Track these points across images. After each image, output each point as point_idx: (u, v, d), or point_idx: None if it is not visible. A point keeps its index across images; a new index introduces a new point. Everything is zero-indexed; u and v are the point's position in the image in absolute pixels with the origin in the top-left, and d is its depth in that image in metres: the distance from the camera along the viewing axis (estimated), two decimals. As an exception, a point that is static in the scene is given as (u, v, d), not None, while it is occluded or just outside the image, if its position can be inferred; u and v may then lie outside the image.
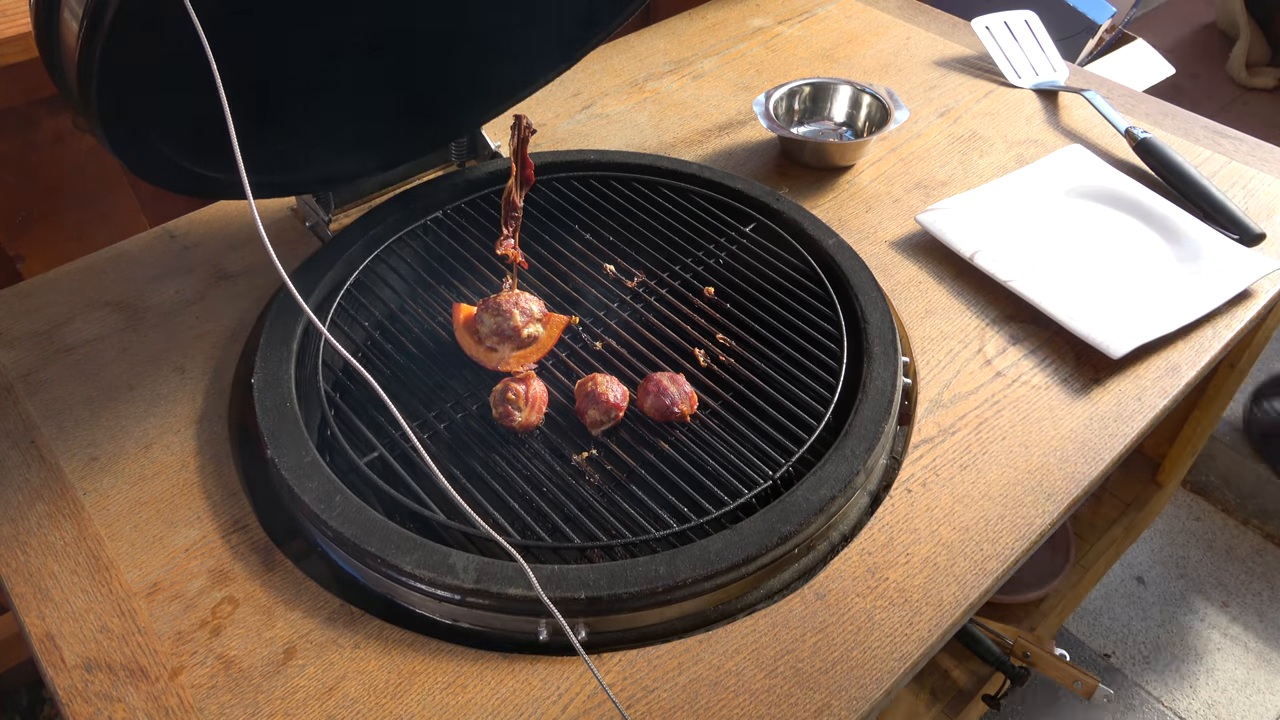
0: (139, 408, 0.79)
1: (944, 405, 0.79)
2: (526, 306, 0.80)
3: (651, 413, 0.74)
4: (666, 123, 1.14)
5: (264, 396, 0.74)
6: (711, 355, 0.82)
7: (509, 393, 0.74)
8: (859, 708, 0.59)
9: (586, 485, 0.72)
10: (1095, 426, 0.77)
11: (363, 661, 0.62)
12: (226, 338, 0.85)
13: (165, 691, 0.60)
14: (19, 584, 0.67)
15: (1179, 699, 1.44)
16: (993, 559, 0.68)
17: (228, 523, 0.70)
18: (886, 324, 0.80)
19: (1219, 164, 1.06)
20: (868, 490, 0.73)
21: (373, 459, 0.71)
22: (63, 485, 0.73)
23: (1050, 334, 0.85)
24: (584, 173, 0.99)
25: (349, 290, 0.85)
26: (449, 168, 1.04)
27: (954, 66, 1.23)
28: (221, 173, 0.78)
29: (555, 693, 0.60)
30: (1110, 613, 1.55)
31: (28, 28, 0.80)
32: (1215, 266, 0.90)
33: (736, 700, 0.60)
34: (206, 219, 0.99)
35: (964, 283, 0.91)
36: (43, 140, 0.98)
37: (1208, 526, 1.68)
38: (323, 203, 0.94)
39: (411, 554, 0.63)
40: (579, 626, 0.62)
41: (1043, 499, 0.72)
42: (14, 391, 0.81)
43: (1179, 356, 0.83)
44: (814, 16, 1.36)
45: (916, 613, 0.64)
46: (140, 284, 0.91)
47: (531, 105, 1.15)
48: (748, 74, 1.23)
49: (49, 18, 0.60)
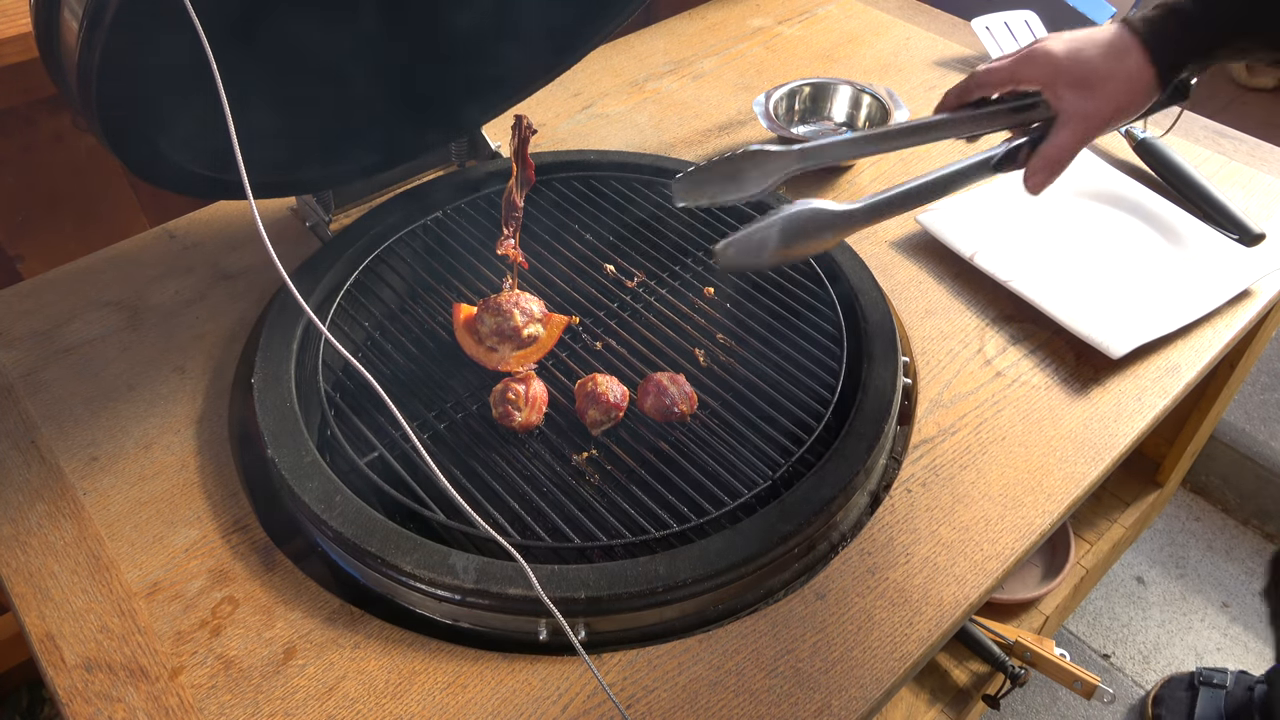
0: (139, 408, 0.79)
1: (944, 405, 0.79)
2: (526, 306, 0.80)
3: (651, 413, 0.74)
4: (666, 123, 1.14)
5: (264, 396, 0.74)
6: (711, 355, 0.82)
7: (509, 393, 0.74)
8: (859, 708, 0.59)
9: (586, 485, 0.72)
10: (1095, 426, 0.77)
11: (363, 661, 0.62)
12: (226, 338, 0.85)
13: (165, 691, 0.60)
14: (19, 584, 0.67)
15: (1179, 699, 1.43)
16: (993, 559, 0.68)
17: (228, 523, 0.70)
18: (886, 324, 0.80)
19: (1219, 164, 1.06)
20: (868, 490, 0.73)
21: (373, 459, 0.71)
22: (63, 485, 0.73)
23: (1050, 334, 0.85)
24: (584, 173, 0.99)
25: (349, 290, 0.85)
26: (449, 168, 1.04)
27: (954, 66, 1.23)
28: (221, 173, 0.77)
29: (555, 693, 0.60)
30: (1110, 613, 1.55)
31: (28, 28, 0.80)
32: (1215, 267, 0.90)
33: (736, 700, 0.60)
34: (206, 219, 0.99)
35: (964, 283, 0.91)
36: (43, 140, 0.98)
37: (1208, 526, 1.68)
38: (323, 203, 0.94)
39: (411, 554, 0.63)
40: (579, 626, 0.62)
41: (1043, 499, 0.72)
42: (14, 391, 0.81)
43: (1179, 356, 0.83)
44: (814, 16, 1.36)
45: (916, 612, 0.64)
46: (140, 284, 0.91)
47: (531, 105, 1.14)
48: (748, 74, 1.23)
49: (49, 18, 0.60)
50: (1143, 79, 0.67)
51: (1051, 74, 0.69)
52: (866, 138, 0.71)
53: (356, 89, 0.86)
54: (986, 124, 0.72)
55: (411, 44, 0.87)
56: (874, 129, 0.72)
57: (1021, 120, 0.72)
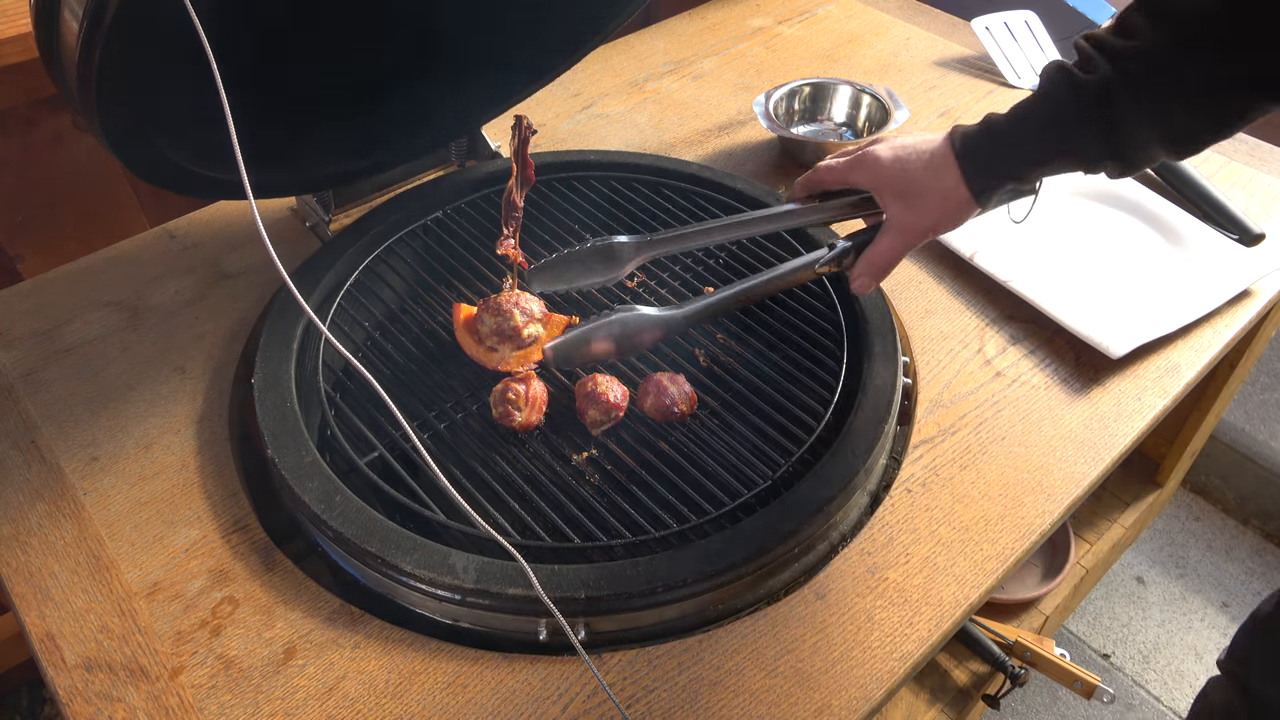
0: (139, 408, 0.79)
1: (944, 405, 0.79)
2: (526, 306, 0.80)
3: (651, 413, 0.74)
4: (666, 123, 1.14)
5: (264, 396, 0.74)
6: (711, 355, 0.82)
7: (509, 393, 0.74)
8: (859, 708, 0.59)
9: (586, 485, 0.72)
10: (1095, 426, 0.77)
11: (363, 661, 0.62)
12: (226, 338, 0.85)
13: (165, 691, 0.60)
14: (19, 584, 0.67)
15: (1179, 699, 1.43)
16: (993, 559, 0.68)
17: (228, 523, 0.70)
18: (886, 324, 0.80)
19: (1219, 164, 1.06)
20: (868, 490, 0.73)
21: (373, 459, 0.71)
22: (63, 485, 0.73)
23: (1050, 334, 0.85)
24: (584, 173, 0.99)
25: (349, 290, 0.85)
26: (449, 168, 1.04)
27: (954, 66, 1.23)
28: (221, 173, 0.77)
29: (555, 692, 0.60)
30: (1110, 613, 1.55)
31: (28, 28, 0.80)
32: (1215, 267, 0.90)
33: (736, 700, 0.60)
34: (206, 219, 0.99)
35: (964, 283, 0.91)
36: (43, 140, 0.98)
37: (1208, 526, 1.68)
38: (323, 203, 0.94)
39: (411, 554, 0.63)
40: (579, 626, 0.62)
41: (1043, 499, 0.72)
42: (14, 391, 0.81)
43: (1179, 356, 0.83)
44: (814, 16, 1.36)
45: (916, 612, 0.64)
46: (140, 284, 0.91)
47: (531, 105, 1.14)
48: (748, 74, 1.23)
49: (49, 18, 0.60)
50: (958, 196, 0.68)
51: (877, 182, 0.71)
52: (720, 227, 0.76)
53: (357, 89, 0.86)
54: (833, 215, 0.76)
55: (412, 44, 0.87)
56: (728, 219, 0.77)
57: (865, 213, 0.75)
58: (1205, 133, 0.61)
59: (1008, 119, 0.66)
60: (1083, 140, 0.63)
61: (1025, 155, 0.66)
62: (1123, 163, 0.63)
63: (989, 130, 0.66)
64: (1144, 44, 0.59)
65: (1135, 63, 0.59)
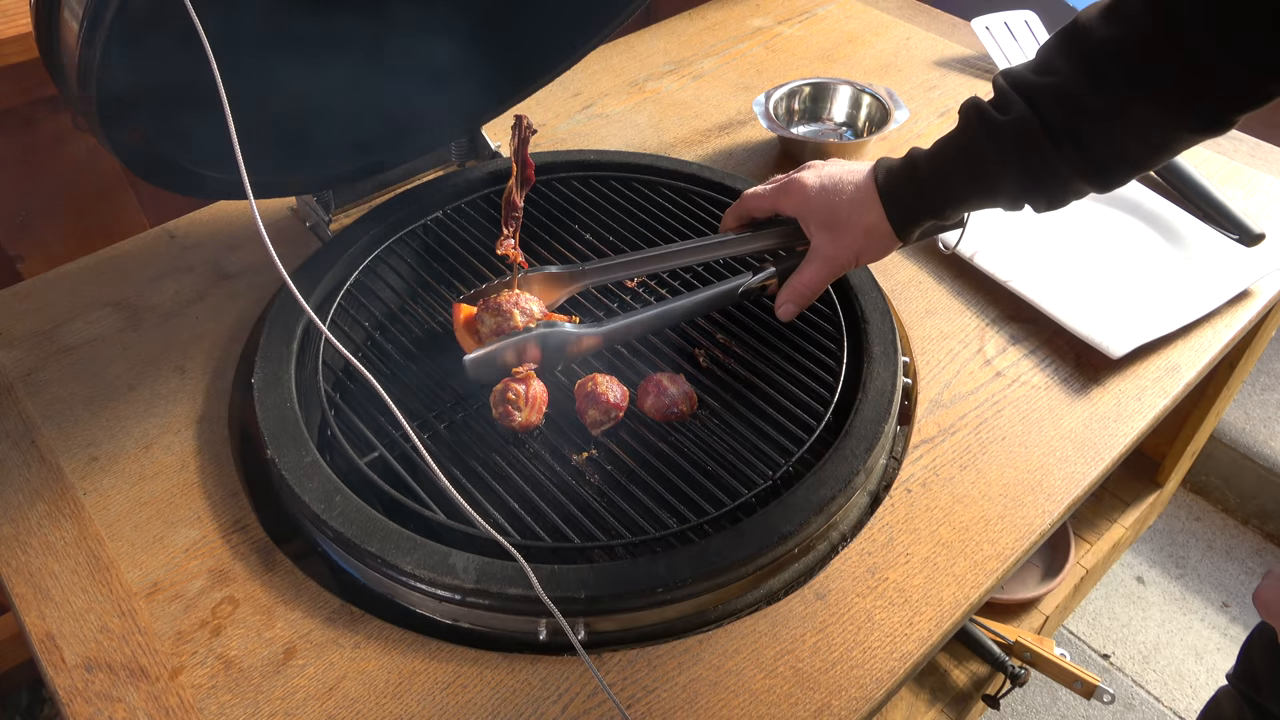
0: (139, 408, 0.79)
1: (944, 405, 0.79)
2: (526, 306, 0.80)
3: (651, 413, 0.74)
4: (666, 123, 1.14)
5: (264, 396, 0.74)
6: (711, 355, 0.82)
7: (509, 393, 0.74)
8: (859, 708, 0.59)
9: (586, 485, 0.72)
10: (1095, 426, 0.77)
11: (363, 661, 0.62)
12: (226, 338, 0.85)
13: (165, 691, 0.60)
14: (19, 584, 0.67)
15: (1179, 699, 1.43)
16: (993, 559, 0.68)
17: (228, 523, 0.70)
18: (886, 324, 0.80)
19: (1219, 164, 1.06)
20: (868, 490, 0.73)
21: (373, 459, 0.71)
22: (63, 485, 0.73)
23: (1050, 334, 0.85)
24: (584, 173, 0.99)
25: (349, 290, 0.85)
26: (449, 168, 1.03)
27: (954, 66, 1.23)
28: (221, 173, 0.77)
29: (555, 693, 0.60)
30: (1110, 613, 1.55)
31: (28, 28, 0.80)
32: (1215, 267, 0.90)
33: (736, 700, 0.60)
34: (206, 219, 0.99)
35: (964, 283, 0.91)
36: (43, 140, 0.98)
37: (1208, 526, 1.68)
38: (323, 203, 0.94)
39: (411, 554, 0.63)
40: (579, 626, 0.62)
41: (1043, 499, 0.72)
42: (14, 391, 0.81)
43: (1179, 356, 0.83)
44: (814, 16, 1.36)
45: (916, 612, 0.64)
46: (140, 284, 0.91)
47: (531, 105, 1.15)
48: (748, 74, 1.23)
49: (49, 18, 0.60)
50: (880, 231, 0.69)
51: (803, 210, 0.72)
52: (651, 257, 0.78)
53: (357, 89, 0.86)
54: (764, 244, 0.78)
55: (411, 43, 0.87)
56: (659, 249, 0.79)
57: (794, 241, 0.77)
58: (1124, 166, 0.61)
59: (928, 157, 0.66)
60: (1001, 180, 0.63)
61: (945, 195, 0.66)
62: (1045, 200, 0.64)
63: (910, 167, 0.67)
64: (1059, 81, 0.59)
65: (1050, 100, 0.59)
